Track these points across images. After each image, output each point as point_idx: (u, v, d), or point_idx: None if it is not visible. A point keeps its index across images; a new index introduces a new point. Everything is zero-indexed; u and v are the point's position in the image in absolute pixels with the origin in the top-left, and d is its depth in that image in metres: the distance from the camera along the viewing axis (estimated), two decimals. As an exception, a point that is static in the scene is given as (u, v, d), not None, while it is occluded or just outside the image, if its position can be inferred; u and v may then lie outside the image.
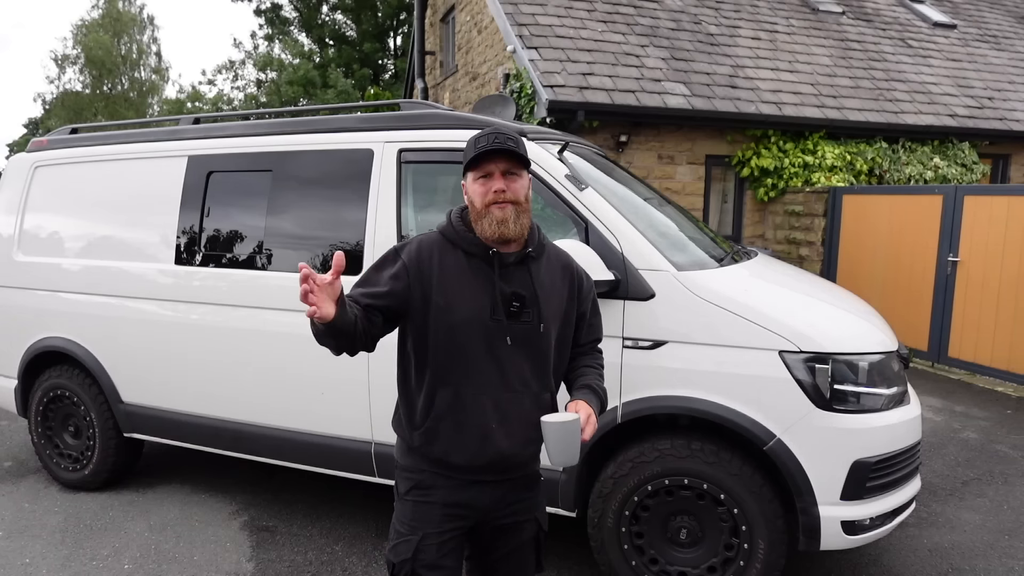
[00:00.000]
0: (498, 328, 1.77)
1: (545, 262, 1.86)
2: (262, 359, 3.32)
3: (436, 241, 1.84)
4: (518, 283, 1.79)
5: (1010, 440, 4.82)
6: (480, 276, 1.78)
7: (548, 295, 1.83)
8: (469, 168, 1.79)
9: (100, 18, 33.63)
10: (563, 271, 1.90)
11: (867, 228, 7.65)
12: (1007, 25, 12.00)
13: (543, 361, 1.84)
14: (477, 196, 1.76)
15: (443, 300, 1.76)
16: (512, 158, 1.74)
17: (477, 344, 1.77)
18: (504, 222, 1.73)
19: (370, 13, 26.36)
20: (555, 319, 1.84)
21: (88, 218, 3.84)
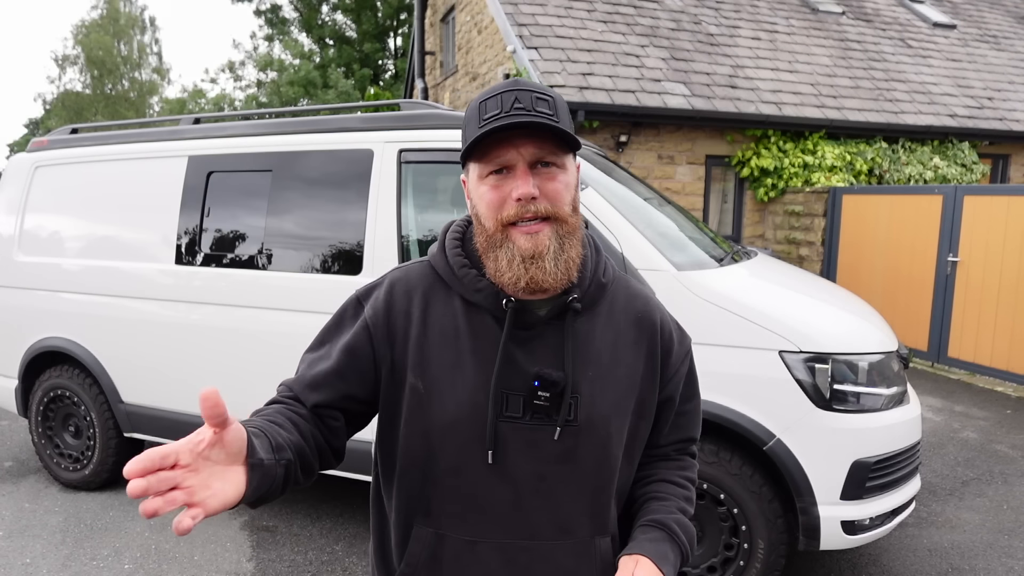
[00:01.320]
0: (514, 434, 1.06)
1: (605, 314, 1.13)
2: (262, 359, 3.32)
3: (422, 278, 1.14)
4: (549, 355, 1.07)
5: (1010, 440, 4.82)
6: (485, 342, 1.07)
7: (606, 372, 1.09)
8: (470, 155, 1.05)
9: (100, 18, 33.64)
10: (636, 327, 1.14)
11: (867, 228, 7.65)
12: (1007, 25, 12.00)
13: (599, 486, 1.10)
14: (486, 206, 1.04)
15: (421, 382, 1.08)
16: (548, 136, 1.01)
17: (474, 459, 1.06)
18: (537, 259, 1.01)
19: (370, 13, 26.37)
20: (621, 412, 1.10)
21: (88, 218, 3.84)
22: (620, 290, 1.17)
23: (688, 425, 1.24)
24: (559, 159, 1.03)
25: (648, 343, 1.15)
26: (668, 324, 1.19)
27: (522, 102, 1.00)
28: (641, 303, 1.18)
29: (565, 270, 1.04)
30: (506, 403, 1.06)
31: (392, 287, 1.14)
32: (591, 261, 1.14)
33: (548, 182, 1.02)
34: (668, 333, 1.18)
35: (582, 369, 1.08)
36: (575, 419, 1.07)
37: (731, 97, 8.33)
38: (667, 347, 1.17)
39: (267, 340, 3.30)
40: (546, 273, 1.02)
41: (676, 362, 1.18)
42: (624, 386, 1.11)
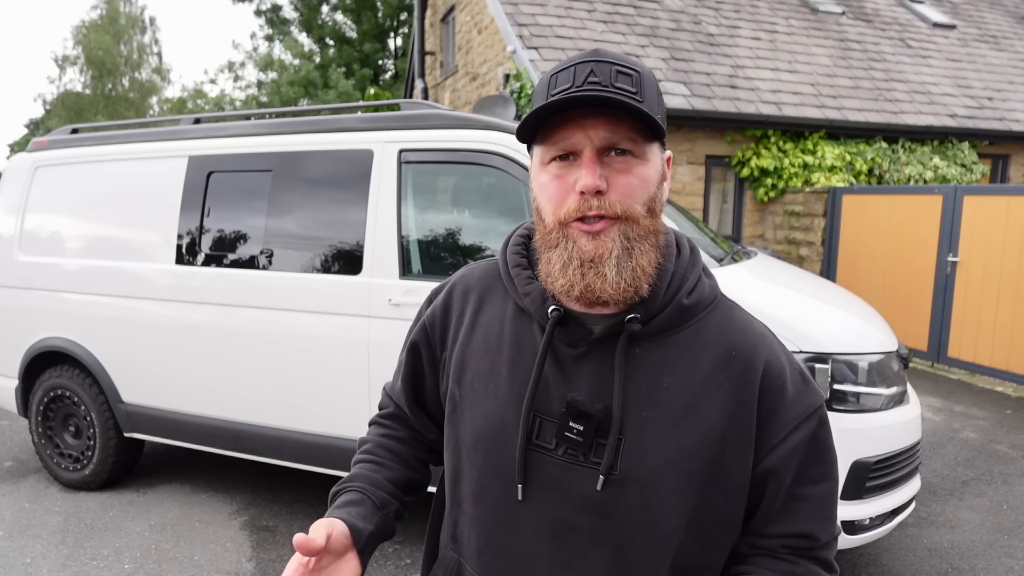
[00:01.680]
0: (542, 468, 0.91)
1: (685, 345, 0.91)
2: (262, 359, 3.33)
3: (485, 277, 1.05)
4: (594, 382, 0.90)
5: (1010, 440, 4.82)
6: (525, 354, 0.94)
7: (669, 418, 0.88)
8: (535, 136, 0.91)
9: (100, 19, 33.64)
10: (724, 367, 0.90)
11: (867, 228, 7.65)
12: (1007, 25, 12.01)
13: (638, 558, 0.89)
14: (547, 198, 0.90)
15: (458, 389, 0.99)
16: (624, 118, 0.85)
17: (494, 487, 0.94)
18: (596, 263, 0.85)
19: (370, 13, 26.37)
20: (683, 472, 0.87)
21: (89, 218, 3.84)
22: (716, 319, 0.93)
23: (807, 516, 0.91)
24: (637, 147, 0.86)
25: (738, 390, 0.88)
26: (780, 370, 0.91)
27: (599, 75, 0.84)
28: (740, 336, 0.92)
29: (631, 281, 0.86)
30: (538, 429, 0.91)
31: (454, 286, 1.06)
32: (674, 276, 0.93)
33: (620, 174, 0.86)
34: (776, 381, 0.90)
35: (634, 406, 0.88)
36: (616, 467, 0.87)
37: (731, 97, 8.33)
38: (771, 400, 0.89)
39: (267, 340, 3.31)
40: (606, 281, 0.85)
41: (787, 423, 0.89)
42: (692, 440, 0.87)
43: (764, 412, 0.89)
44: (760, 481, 0.90)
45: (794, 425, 0.89)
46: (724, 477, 0.88)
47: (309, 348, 3.21)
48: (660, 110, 0.89)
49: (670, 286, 0.92)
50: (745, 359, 0.90)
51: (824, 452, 0.92)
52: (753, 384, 0.89)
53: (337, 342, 3.14)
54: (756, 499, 0.91)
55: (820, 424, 0.92)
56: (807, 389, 0.92)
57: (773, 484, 0.90)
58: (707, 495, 0.88)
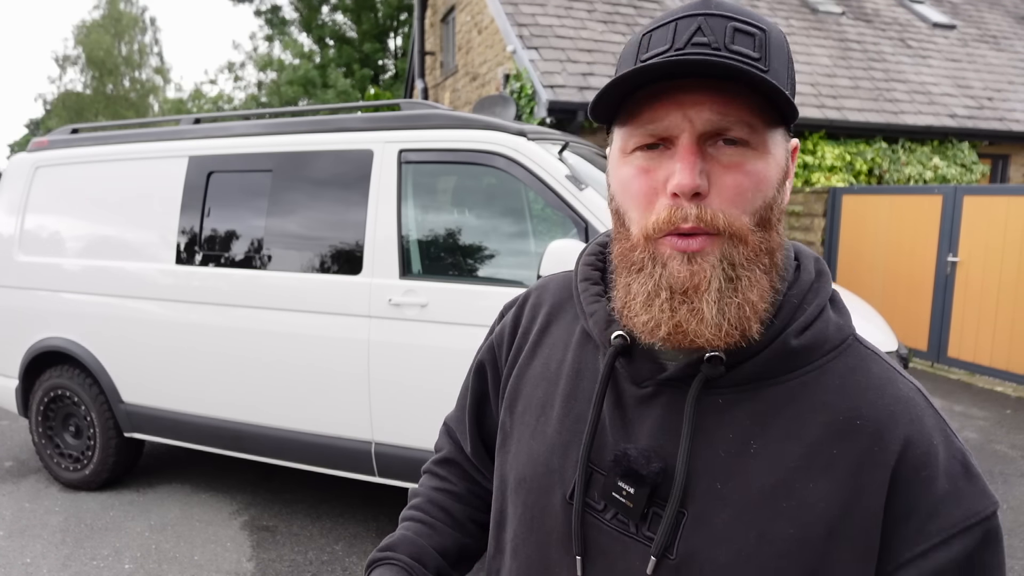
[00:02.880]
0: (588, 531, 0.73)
1: (788, 401, 0.68)
2: (262, 359, 3.33)
3: (559, 290, 0.88)
4: (656, 433, 0.70)
5: (1009, 440, 4.82)
6: (583, 387, 0.78)
7: (754, 498, 0.65)
8: (619, 117, 0.69)
9: (101, 19, 33.65)
10: (839, 439, 0.65)
11: (867, 228, 7.66)
12: (1007, 25, 12.01)
13: None
14: (631, 198, 0.68)
15: (509, 417, 0.84)
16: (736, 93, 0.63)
17: (530, 542, 0.78)
18: (691, 295, 0.65)
19: (370, 13, 26.38)
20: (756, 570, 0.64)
21: (89, 218, 3.84)
22: (840, 370, 0.68)
23: None
24: (755, 135, 0.64)
25: (858, 473, 0.64)
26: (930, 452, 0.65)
27: (708, 34, 0.63)
28: (872, 398, 0.67)
29: (737, 320, 0.64)
30: (588, 482, 0.73)
31: (527, 299, 0.90)
32: (783, 306, 0.69)
33: (729, 172, 0.64)
34: (920, 469, 0.64)
35: (704, 474, 0.67)
36: (672, 549, 0.66)
37: (731, 97, 8.33)
38: (910, 495, 0.63)
39: (267, 340, 3.31)
40: (703, 322, 0.64)
41: (931, 533, 0.63)
42: (783, 532, 0.64)
43: (897, 511, 0.64)
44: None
45: (942, 537, 0.63)
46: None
47: (309, 348, 3.21)
48: (790, 84, 0.66)
49: (776, 318, 0.69)
50: (874, 432, 0.65)
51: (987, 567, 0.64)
52: (883, 468, 0.64)
53: (337, 342, 3.14)
54: None
55: (986, 540, 0.64)
56: (971, 488, 0.65)
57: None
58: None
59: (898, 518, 0.63)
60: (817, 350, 0.69)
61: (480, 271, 3.10)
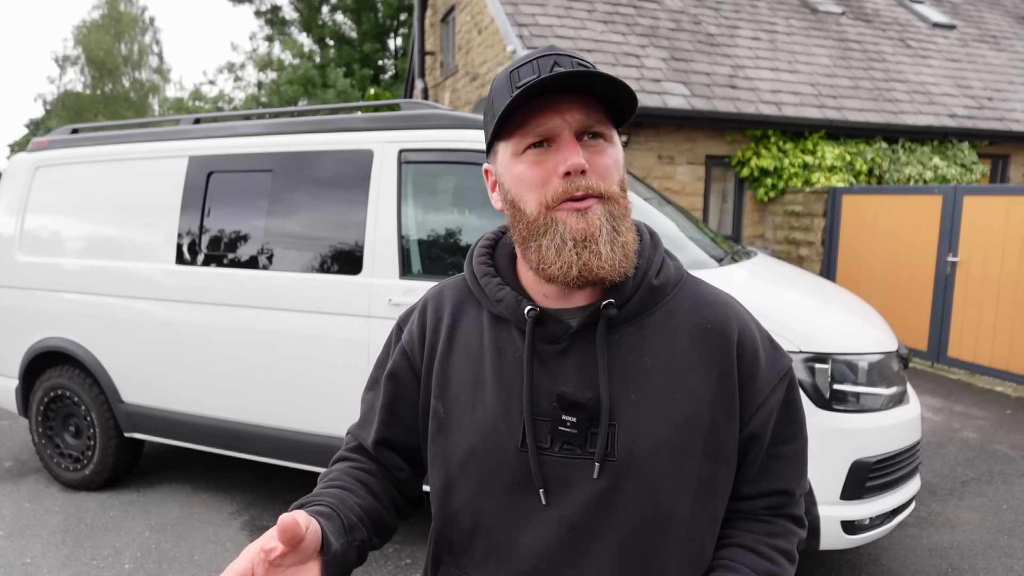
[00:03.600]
0: (541, 468, 0.89)
1: (660, 324, 0.93)
2: (262, 359, 3.33)
3: (455, 292, 1.04)
4: (580, 373, 0.90)
5: (1009, 440, 4.82)
6: (508, 360, 0.93)
7: (658, 397, 0.89)
8: (500, 132, 0.90)
9: (101, 19, 33.64)
10: (704, 341, 0.92)
11: (867, 228, 7.66)
12: (1007, 25, 12.01)
13: (647, 545, 0.89)
14: (527, 187, 0.88)
15: (442, 405, 0.97)
16: (594, 104, 0.87)
17: (492, 497, 0.92)
18: (590, 241, 0.85)
19: (370, 13, 26.38)
20: (680, 449, 0.88)
21: (89, 218, 3.84)
22: (685, 296, 0.95)
23: (782, 474, 0.95)
24: (608, 130, 0.89)
25: (717, 361, 0.91)
26: (752, 337, 0.94)
27: (566, 65, 0.85)
28: (712, 310, 0.94)
29: (623, 256, 0.87)
30: (526, 434, 0.89)
31: (426, 305, 1.05)
32: (640, 259, 0.94)
33: (597, 156, 0.87)
34: (751, 349, 0.93)
35: (621, 391, 0.88)
36: (612, 453, 0.87)
37: (731, 97, 8.33)
38: (749, 367, 0.92)
39: (267, 340, 3.31)
40: (602, 259, 0.85)
41: (764, 387, 0.93)
42: (684, 415, 0.88)
43: (743, 379, 0.92)
44: (744, 446, 0.93)
45: (770, 388, 0.94)
46: (718, 448, 0.90)
47: (309, 348, 3.21)
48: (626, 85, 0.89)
49: (638, 269, 0.93)
50: (720, 331, 0.93)
51: (795, 412, 0.97)
52: (731, 353, 0.92)
53: (337, 342, 3.14)
54: (739, 464, 0.94)
55: (791, 386, 0.97)
56: (777, 353, 0.97)
57: (755, 447, 0.94)
58: (706, 469, 0.89)
59: (745, 382, 0.92)
60: (669, 284, 0.95)
61: (480, 271, 3.09)
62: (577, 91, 0.85)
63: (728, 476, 0.92)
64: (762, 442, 0.94)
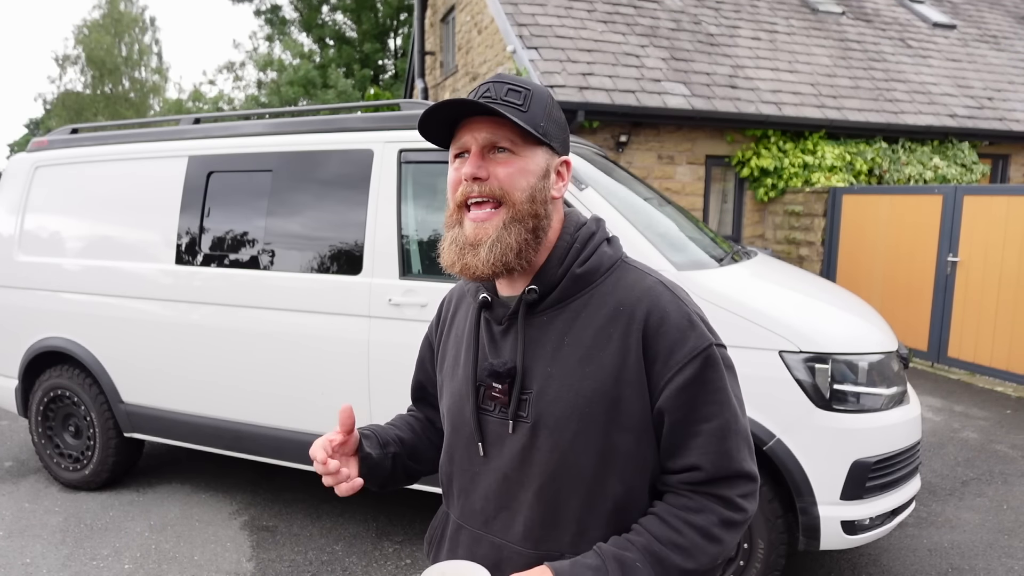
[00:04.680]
0: (488, 428, 1.10)
1: (583, 307, 1.05)
2: (262, 359, 3.33)
3: (463, 283, 1.26)
4: (512, 349, 1.08)
5: (1010, 440, 4.82)
6: (470, 337, 1.15)
7: (570, 371, 1.03)
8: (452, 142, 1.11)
9: (101, 19, 33.64)
10: (612, 319, 1.03)
11: (867, 228, 7.65)
12: (1007, 25, 12.01)
13: (559, 498, 1.04)
14: (449, 187, 1.09)
15: (439, 375, 1.25)
16: (505, 124, 1.02)
17: (460, 448, 1.15)
18: (474, 246, 1.03)
19: (370, 13, 26.37)
20: (585, 416, 1.01)
21: (89, 218, 3.84)
22: (612, 281, 1.07)
23: (697, 450, 1.00)
24: (517, 147, 1.03)
25: (625, 339, 1.01)
26: (662, 317, 1.01)
27: (492, 92, 1.03)
28: (626, 293, 1.05)
29: (500, 256, 1.01)
30: (483, 396, 1.10)
31: (446, 295, 1.31)
32: (571, 251, 1.07)
33: (498, 166, 1.03)
34: (657, 327, 1.01)
35: (539, 364, 1.05)
36: (527, 415, 1.05)
37: (731, 97, 8.33)
38: (655, 345, 1.01)
39: (267, 340, 3.30)
40: (479, 260, 1.02)
41: (672, 364, 1.00)
42: (590, 388, 1.01)
43: (649, 357, 1.02)
44: (658, 421, 1.03)
45: (679, 367, 1.00)
46: (625, 418, 1.02)
47: (309, 348, 3.21)
48: (546, 120, 1.05)
49: (566, 259, 1.07)
50: (630, 312, 1.03)
51: (714, 392, 1.02)
52: (636, 333, 1.02)
53: (337, 342, 3.14)
54: (658, 439, 1.04)
55: (707, 364, 1.01)
56: (693, 333, 1.02)
57: (667, 423, 1.02)
58: (611, 437, 1.02)
59: (652, 360, 1.01)
60: (596, 272, 1.08)
61: (480, 271, 3.09)
62: (488, 113, 1.02)
63: (641, 445, 1.03)
64: (672, 418, 1.02)
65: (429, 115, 1.03)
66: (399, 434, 1.25)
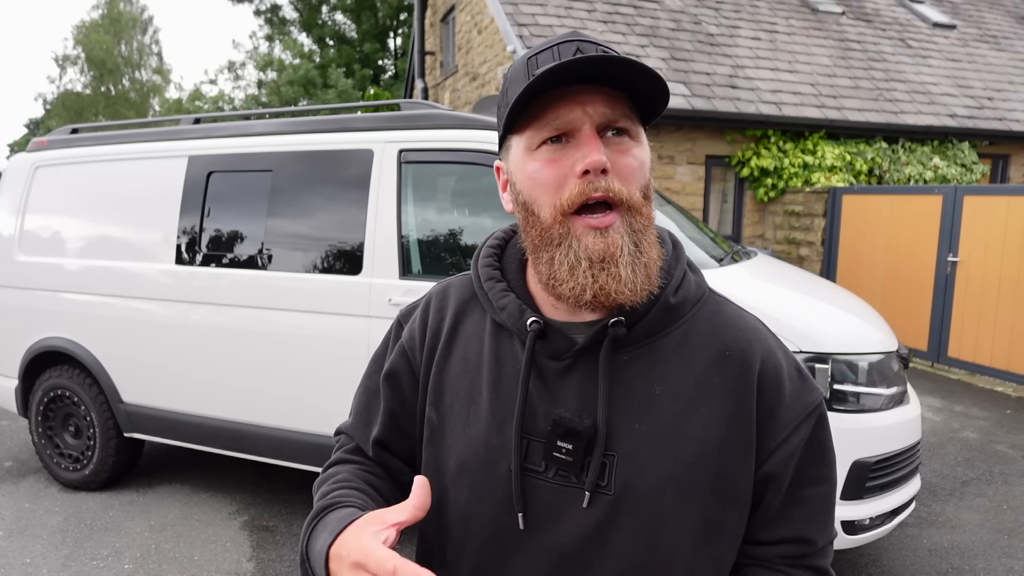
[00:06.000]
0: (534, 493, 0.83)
1: (675, 348, 0.84)
2: (262, 359, 3.33)
3: (461, 292, 0.96)
4: (581, 395, 0.82)
5: (1010, 440, 4.82)
6: (507, 372, 0.87)
7: (664, 428, 0.81)
8: (513, 124, 0.81)
9: (101, 19, 33.65)
10: (720, 367, 0.83)
11: (867, 228, 7.66)
12: (1007, 25, 12.01)
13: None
14: (541, 187, 0.79)
15: (436, 413, 0.91)
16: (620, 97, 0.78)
17: (483, 514, 0.86)
18: (608, 262, 0.76)
19: (370, 13, 26.37)
20: (685, 486, 0.80)
21: (89, 218, 3.84)
22: (705, 316, 0.86)
23: (804, 520, 0.85)
24: (634, 127, 0.79)
25: (735, 392, 0.82)
26: (776, 367, 0.84)
27: (588, 51, 0.77)
28: (732, 334, 0.85)
29: (645, 277, 0.78)
30: (526, 451, 0.83)
31: (429, 303, 0.97)
32: (672, 275, 0.86)
33: (621, 156, 0.77)
34: (773, 379, 0.83)
35: (624, 419, 0.81)
36: (610, 485, 0.80)
37: (731, 97, 8.33)
38: (769, 400, 0.82)
39: (267, 340, 3.30)
40: (621, 282, 0.76)
41: (787, 423, 0.82)
42: (693, 450, 0.80)
43: (763, 414, 0.82)
44: (760, 487, 0.84)
45: (794, 426, 0.83)
46: (729, 488, 0.81)
47: (309, 348, 3.21)
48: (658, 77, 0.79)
49: (668, 282, 0.85)
50: (740, 358, 0.83)
51: (823, 453, 0.86)
52: (750, 385, 0.82)
53: (337, 342, 3.14)
54: (754, 506, 0.85)
55: (819, 423, 0.85)
56: (805, 386, 0.85)
57: (772, 489, 0.84)
58: (713, 510, 0.81)
59: (765, 417, 0.82)
60: (688, 303, 0.86)
61: (480, 271, 3.10)
62: (602, 81, 0.76)
63: (739, 518, 0.83)
64: (780, 484, 0.84)
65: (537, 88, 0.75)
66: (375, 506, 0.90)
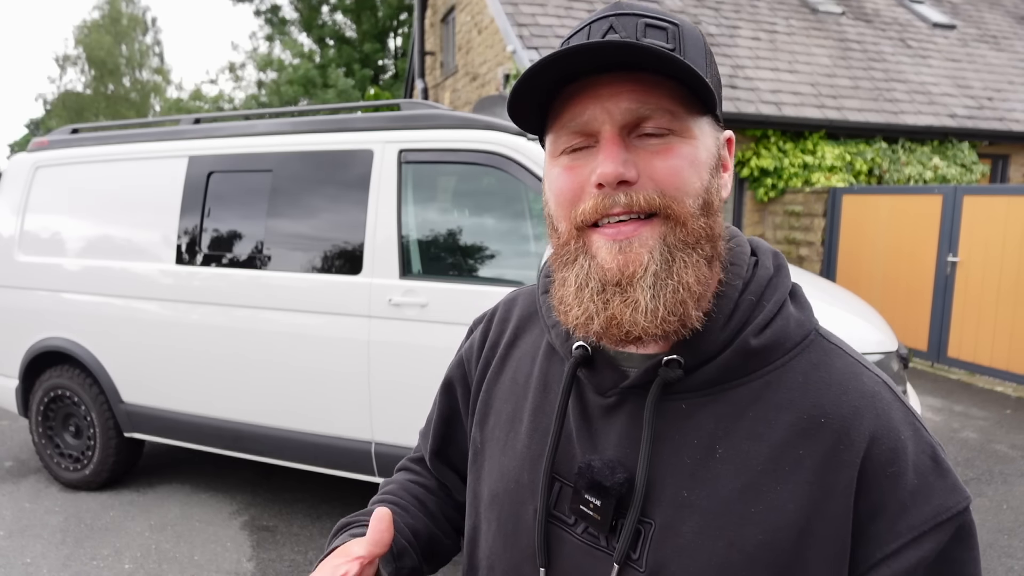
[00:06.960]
0: (560, 545, 0.71)
1: (751, 402, 0.65)
2: (262, 359, 3.33)
3: (526, 303, 0.86)
4: (622, 442, 0.68)
5: (1009, 440, 4.82)
6: (550, 399, 0.75)
7: (720, 505, 0.63)
8: (548, 125, 0.68)
9: (102, 19, 33.65)
10: (805, 438, 0.62)
11: (867, 228, 7.66)
12: (1007, 25, 12.01)
13: None
14: (555, 199, 0.68)
15: (480, 433, 0.82)
16: (652, 84, 0.62)
17: (506, 557, 0.75)
18: (624, 286, 0.62)
19: (370, 13, 26.38)
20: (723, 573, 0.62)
21: (89, 218, 3.84)
22: (803, 367, 0.66)
23: None
24: (678, 121, 0.62)
25: (826, 473, 0.61)
26: (895, 448, 0.62)
27: (621, 30, 0.62)
28: (836, 395, 0.64)
29: (673, 306, 0.61)
30: (557, 496, 0.71)
31: (495, 313, 0.87)
32: (740, 304, 0.67)
33: (657, 157, 0.62)
34: (888, 464, 0.61)
35: (671, 482, 0.64)
36: (642, 561, 0.64)
37: (731, 97, 8.33)
38: (881, 492, 0.61)
39: (267, 340, 3.31)
40: (637, 310, 0.61)
41: (901, 530, 0.60)
42: (756, 539, 0.61)
43: (867, 508, 0.61)
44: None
45: (913, 535, 0.60)
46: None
47: (309, 348, 3.21)
48: (710, 75, 0.65)
49: (733, 318, 0.66)
50: (839, 429, 0.62)
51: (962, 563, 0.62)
52: (850, 466, 0.61)
53: (337, 342, 3.14)
54: None
55: (957, 538, 0.61)
56: (941, 483, 0.62)
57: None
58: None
59: (868, 517, 0.61)
60: (779, 348, 0.66)
61: (480, 271, 3.11)
62: (635, 67, 0.61)
63: None
64: None
65: (527, 80, 0.62)
66: (412, 526, 0.84)
